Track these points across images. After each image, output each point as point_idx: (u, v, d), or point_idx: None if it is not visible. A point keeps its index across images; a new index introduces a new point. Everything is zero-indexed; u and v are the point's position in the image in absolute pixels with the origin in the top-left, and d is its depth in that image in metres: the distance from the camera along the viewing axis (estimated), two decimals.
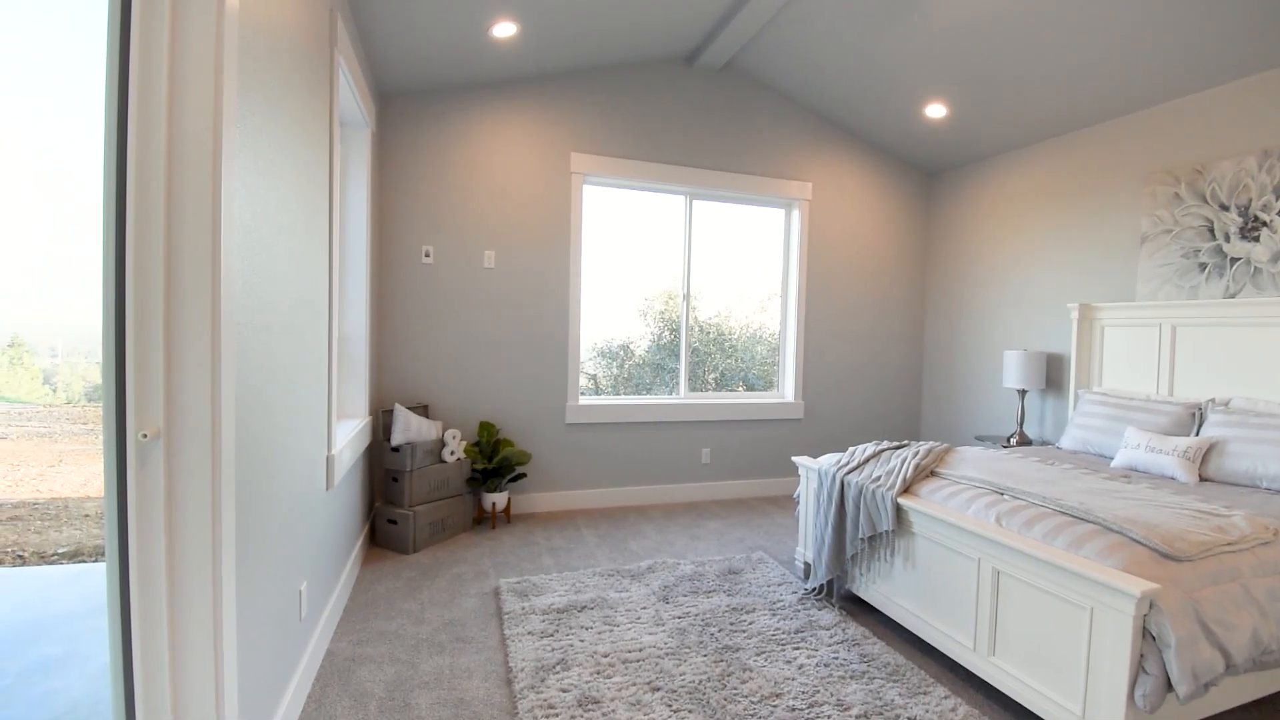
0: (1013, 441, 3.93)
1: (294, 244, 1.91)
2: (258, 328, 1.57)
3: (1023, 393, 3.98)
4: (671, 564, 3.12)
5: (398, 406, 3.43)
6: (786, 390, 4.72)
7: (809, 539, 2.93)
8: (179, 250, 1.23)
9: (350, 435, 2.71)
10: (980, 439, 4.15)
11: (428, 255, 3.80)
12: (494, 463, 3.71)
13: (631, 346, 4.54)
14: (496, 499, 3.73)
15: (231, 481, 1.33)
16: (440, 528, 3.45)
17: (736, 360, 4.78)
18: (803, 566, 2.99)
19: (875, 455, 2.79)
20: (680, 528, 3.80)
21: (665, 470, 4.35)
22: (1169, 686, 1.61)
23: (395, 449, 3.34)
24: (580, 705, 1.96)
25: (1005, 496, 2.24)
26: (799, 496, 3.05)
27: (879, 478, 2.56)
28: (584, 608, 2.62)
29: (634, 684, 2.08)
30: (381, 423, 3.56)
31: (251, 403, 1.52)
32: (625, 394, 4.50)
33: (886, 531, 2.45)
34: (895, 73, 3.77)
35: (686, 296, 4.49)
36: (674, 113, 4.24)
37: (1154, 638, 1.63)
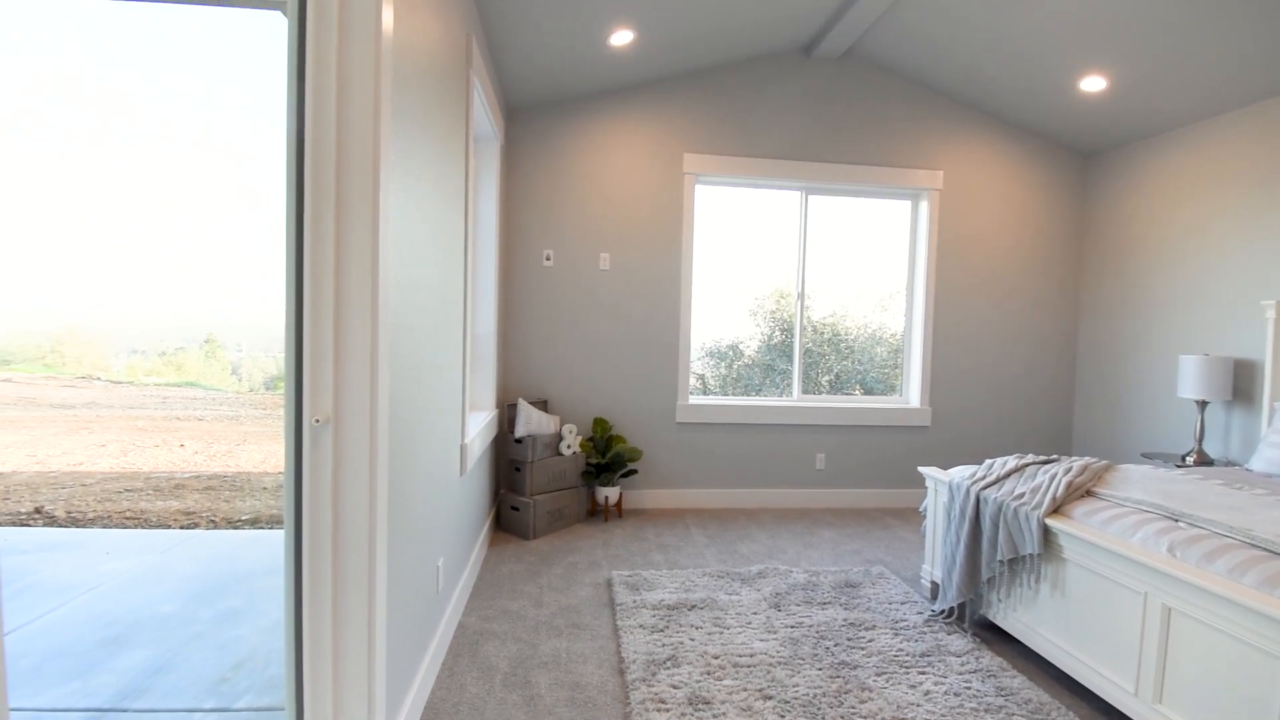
0: (1189, 461, 3.42)
1: (436, 251, 2.09)
2: (407, 328, 1.73)
3: (1202, 404, 3.45)
4: (783, 571, 3.04)
5: (520, 401, 3.64)
6: (911, 395, 4.43)
7: (937, 557, 2.74)
8: (346, 262, 1.39)
9: (480, 426, 2.91)
10: (1148, 457, 3.65)
11: (548, 259, 3.99)
12: (607, 458, 3.82)
13: (740, 347, 4.48)
14: (609, 493, 3.84)
15: (386, 463, 1.48)
16: (557, 517, 3.61)
17: (853, 362, 4.56)
18: (929, 586, 2.79)
19: (1018, 470, 2.55)
20: (792, 534, 3.69)
21: (777, 474, 4.25)
22: None
23: (518, 440, 3.55)
24: (690, 704, 1.97)
25: (1180, 523, 1.96)
26: (925, 510, 2.86)
27: (1022, 495, 2.33)
28: (694, 607, 2.63)
29: (745, 689, 2.05)
30: (506, 416, 3.79)
31: (401, 395, 1.69)
32: (733, 395, 4.45)
33: (1031, 555, 2.22)
34: (1040, 44, 3.41)
35: (801, 295, 4.36)
36: (790, 106, 4.13)
37: None
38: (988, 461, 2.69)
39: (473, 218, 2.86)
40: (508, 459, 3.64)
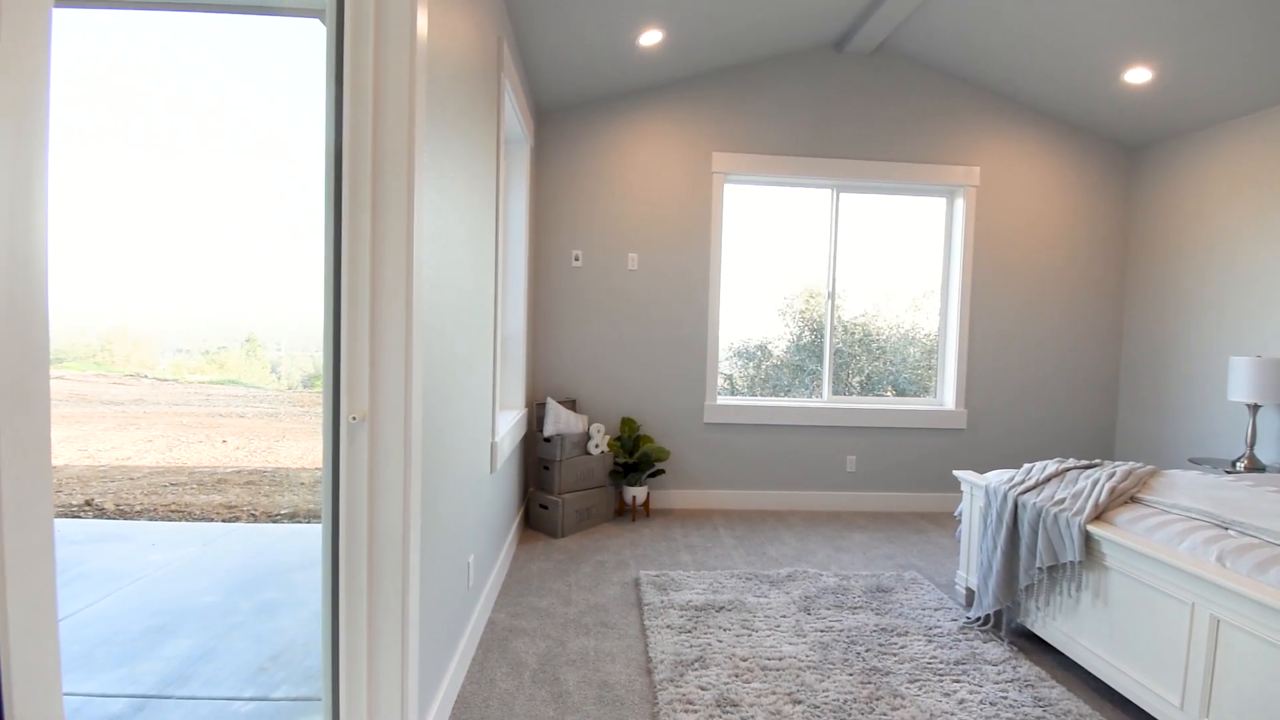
0: (1240, 466, 3.27)
1: (468, 252, 2.12)
2: (439, 328, 1.76)
3: (1254, 408, 3.30)
4: (813, 574, 3.00)
5: (549, 400, 3.66)
6: (946, 397, 4.34)
7: (972, 563, 2.67)
8: (381, 264, 1.42)
9: (510, 425, 2.94)
10: (1195, 462, 3.51)
11: (577, 259, 4.02)
12: (634, 458, 3.83)
13: (769, 347, 4.45)
14: (637, 493, 3.84)
15: (419, 459, 1.51)
16: (585, 516, 3.63)
17: (885, 363, 4.48)
18: (964, 592, 2.73)
19: (1058, 474, 2.47)
20: (822, 537, 3.65)
21: (806, 476, 4.20)
22: None
23: (547, 439, 3.57)
24: (719, 705, 1.96)
25: (1230, 531, 1.88)
26: (961, 515, 2.79)
27: (1063, 500, 2.26)
28: (721, 608, 2.61)
29: (774, 693, 2.03)
30: (535, 415, 3.82)
31: (434, 393, 1.71)
32: (762, 395, 4.42)
33: (1072, 562, 2.16)
34: (1081, 35, 3.30)
35: (831, 295, 4.30)
36: (821, 103, 4.08)
37: None
38: (1026, 466, 2.62)
39: (503, 219, 2.89)
40: (536, 457, 3.68)
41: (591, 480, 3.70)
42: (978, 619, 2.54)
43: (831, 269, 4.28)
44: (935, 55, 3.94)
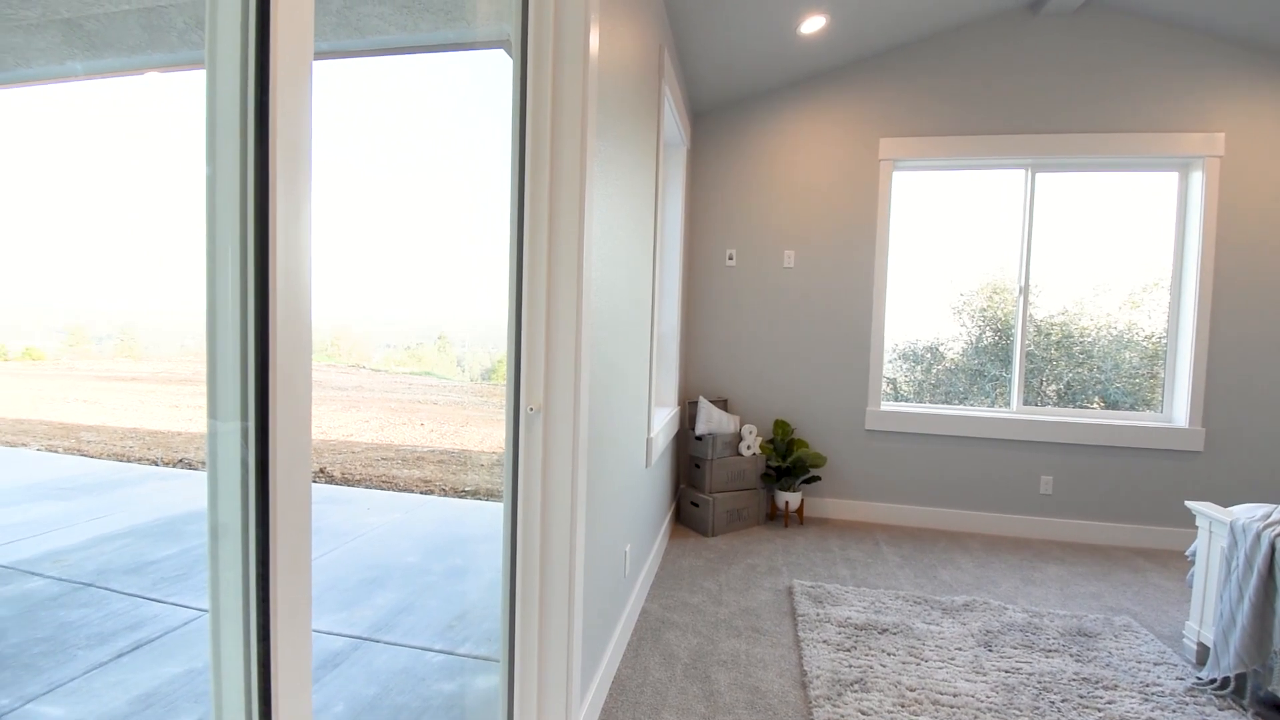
0: None
1: (629, 256, 2.21)
2: (604, 327, 1.86)
3: None
4: (996, 607, 2.69)
5: (701, 399, 3.69)
6: (1176, 412, 3.63)
7: (1208, 613, 2.21)
8: (556, 270, 1.54)
9: (664, 422, 3.02)
10: None
11: (730, 258, 4.00)
12: (788, 462, 3.72)
13: (941, 349, 4.05)
14: (789, 498, 3.73)
15: (585, 449, 1.61)
16: (736, 517, 3.61)
17: (1091, 369, 3.86)
18: (1194, 647, 2.27)
19: None
20: (1007, 566, 3.25)
21: (988, 496, 3.77)
22: None
23: (699, 438, 3.61)
24: None
25: None
26: (1194, 555, 2.32)
27: None
28: (885, 630, 2.44)
29: None
30: (687, 413, 3.88)
31: (598, 388, 1.82)
32: (931, 402, 4.04)
33: None
34: None
35: (1024, 290, 3.80)
36: (1011, 72, 3.63)
37: None
38: None
39: (661, 221, 2.97)
40: (688, 455, 3.72)
41: (742, 481, 3.66)
42: (1213, 681, 2.10)
43: (1024, 261, 3.79)
44: (1160, 6, 3.31)
